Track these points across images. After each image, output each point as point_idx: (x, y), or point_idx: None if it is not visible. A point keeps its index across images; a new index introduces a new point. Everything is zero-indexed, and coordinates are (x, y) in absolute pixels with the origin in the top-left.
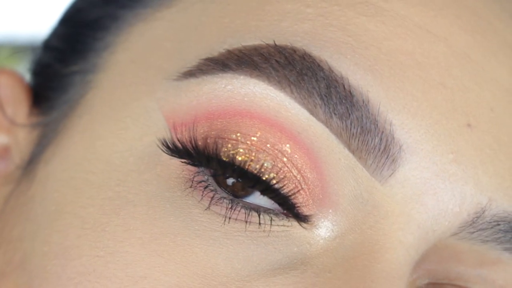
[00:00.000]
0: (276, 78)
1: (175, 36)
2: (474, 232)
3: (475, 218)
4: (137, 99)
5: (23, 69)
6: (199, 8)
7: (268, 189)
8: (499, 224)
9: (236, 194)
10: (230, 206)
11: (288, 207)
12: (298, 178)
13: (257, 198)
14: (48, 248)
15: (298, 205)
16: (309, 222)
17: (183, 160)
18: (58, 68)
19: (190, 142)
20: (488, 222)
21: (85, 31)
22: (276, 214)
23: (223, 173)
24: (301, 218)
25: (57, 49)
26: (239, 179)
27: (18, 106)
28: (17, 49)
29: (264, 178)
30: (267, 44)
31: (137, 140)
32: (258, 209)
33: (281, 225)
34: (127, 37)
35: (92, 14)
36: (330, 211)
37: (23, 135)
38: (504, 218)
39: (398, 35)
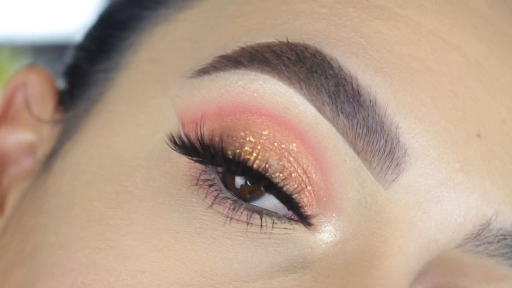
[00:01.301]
0: (286, 74)
1: (193, 36)
2: (480, 245)
3: (480, 230)
4: (152, 97)
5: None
6: (218, 9)
7: (271, 186)
8: (505, 239)
9: (244, 197)
10: (232, 206)
11: (292, 205)
12: (304, 178)
13: (264, 203)
14: (56, 239)
15: (302, 205)
16: (312, 226)
17: (189, 157)
18: (85, 68)
19: (197, 138)
20: (494, 235)
21: (111, 32)
22: (279, 218)
23: (228, 168)
24: (304, 219)
25: (86, 50)
26: (243, 175)
27: (45, 104)
28: (17, 49)
29: (267, 175)
30: (279, 41)
31: (149, 137)
32: (261, 212)
33: (283, 228)
34: (149, 38)
35: (119, 15)
36: (334, 215)
37: (47, 131)
38: (511, 232)
39: (411, 40)
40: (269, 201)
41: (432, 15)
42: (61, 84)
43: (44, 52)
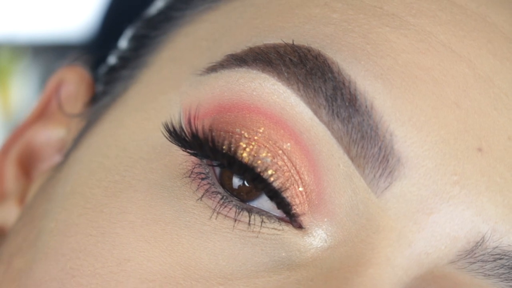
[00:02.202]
0: (286, 75)
1: (212, 36)
2: (475, 262)
3: (475, 247)
4: (164, 92)
5: (23, 69)
6: (240, 11)
7: (258, 179)
8: (502, 258)
9: (241, 198)
10: (221, 201)
11: (281, 203)
12: (296, 178)
13: (260, 204)
14: (55, 225)
15: (293, 204)
16: (302, 229)
17: (183, 148)
18: (117, 66)
19: (192, 130)
20: (490, 253)
21: (143, 31)
22: (269, 217)
23: (215, 158)
24: (294, 218)
25: (123, 50)
26: (229, 167)
27: (78, 102)
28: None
29: (257, 170)
30: (285, 43)
31: (154, 130)
32: (250, 210)
33: (272, 228)
34: (174, 38)
35: (154, 17)
36: (326, 220)
37: (74, 125)
38: (508, 252)
39: (419, 49)
40: (266, 203)
41: (445, 25)
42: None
43: (44, 52)
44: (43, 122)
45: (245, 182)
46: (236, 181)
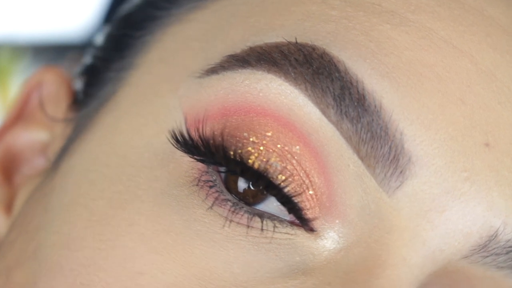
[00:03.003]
0: (293, 75)
1: (204, 36)
2: (488, 256)
3: (488, 242)
4: (160, 96)
5: (23, 69)
6: (230, 10)
7: (270, 186)
8: None
9: (247, 201)
10: (233, 209)
11: (293, 208)
12: (305, 181)
13: (267, 206)
14: (57, 238)
15: (303, 208)
16: (314, 232)
17: (190, 155)
18: (99, 66)
19: (199, 136)
20: (503, 247)
21: (128, 31)
22: (281, 221)
23: (228, 167)
24: (306, 222)
25: (103, 49)
26: (242, 175)
27: (59, 103)
28: (17, 49)
29: (268, 176)
30: (288, 41)
31: (154, 136)
32: (261, 215)
33: (285, 233)
34: (161, 37)
35: (136, 15)
36: (337, 221)
37: (59, 130)
38: None
39: (421, 46)
40: (272, 205)
41: (444, 21)
42: (77, 84)
43: (44, 52)
44: (23, 124)
45: (251, 186)
46: (242, 185)
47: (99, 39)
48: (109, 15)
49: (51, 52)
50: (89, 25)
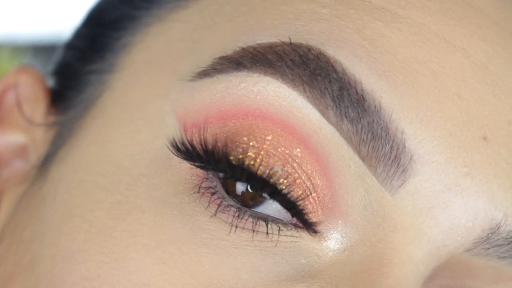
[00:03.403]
0: (290, 76)
1: (190, 37)
2: (490, 248)
3: (490, 234)
4: (151, 101)
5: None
6: (214, 9)
7: (275, 193)
8: None
9: (246, 204)
10: (237, 214)
11: (296, 212)
12: (308, 185)
13: (266, 209)
14: (56, 251)
15: (307, 212)
16: (318, 233)
17: (191, 162)
18: (77, 67)
19: (200, 143)
20: (504, 238)
21: (104, 31)
22: (285, 224)
23: (232, 174)
24: (310, 226)
25: (78, 49)
26: (247, 182)
27: (37, 105)
28: (17, 49)
29: (272, 182)
30: (282, 42)
31: (149, 143)
32: (266, 218)
33: (290, 236)
34: (143, 38)
35: (111, 14)
36: (340, 222)
37: (40, 134)
38: None
39: (414, 43)
40: (272, 207)
41: (435, 15)
42: (51, 83)
43: (44, 52)
44: None
45: (249, 188)
46: (240, 188)
47: (71, 37)
48: None
49: (51, 52)
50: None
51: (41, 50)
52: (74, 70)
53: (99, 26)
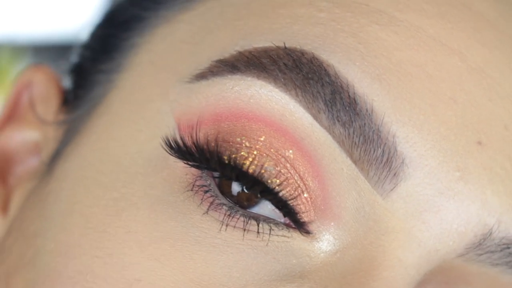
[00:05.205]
0: (282, 80)
1: (192, 39)
2: (482, 254)
3: (482, 240)
4: (151, 101)
5: (23, 69)
6: (217, 12)
7: (266, 191)
8: (509, 248)
9: (241, 205)
10: (228, 213)
11: (288, 212)
12: (300, 185)
13: (262, 209)
14: (54, 245)
15: (299, 211)
16: (310, 234)
17: (184, 161)
18: (88, 67)
19: (193, 142)
20: (497, 244)
21: (114, 32)
22: (276, 224)
23: (223, 173)
24: (302, 225)
25: (91, 49)
26: (237, 180)
27: (49, 104)
28: (17, 49)
29: (263, 180)
30: (276, 46)
31: (147, 142)
32: (257, 218)
33: (281, 235)
34: (150, 39)
35: (121, 15)
36: (332, 224)
37: (51, 132)
38: None
39: (410, 46)
40: (267, 208)
41: (433, 19)
42: (66, 83)
43: (44, 52)
44: (15, 124)
45: (244, 189)
46: (236, 188)
47: (85, 37)
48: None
49: (51, 52)
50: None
51: (41, 50)
52: (86, 69)
53: (110, 27)
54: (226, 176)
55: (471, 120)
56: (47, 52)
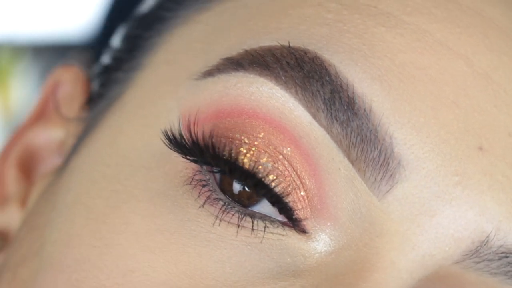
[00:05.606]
0: (283, 78)
1: (206, 38)
2: (480, 262)
3: (479, 247)
4: (162, 97)
5: (23, 69)
6: (231, 12)
7: (261, 185)
8: (507, 257)
9: (242, 203)
10: (224, 208)
11: (283, 208)
12: (297, 183)
13: (262, 208)
14: (58, 235)
15: (295, 208)
16: (306, 233)
17: (183, 155)
18: (112, 66)
19: (191, 136)
20: (495, 252)
21: (136, 32)
22: (272, 222)
23: (217, 165)
24: (297, 223)
25: (115, 48)
26: (230, 173)
27: (73, 102)
28: (17, 49)
29: (259, 176)
30: (281, 45)
31: (153, 137)
32: (253, 215)
33: (276, 233)
34: (169, 39)
35: (144, 15)
36: (329, 224)
37: (73, 129)
38: None
39: (415, 49)
40: (267, 207)
41: (441, 23)
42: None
43: (44, 52)
44: (42, 123)
45: (246, 187)
46: (237, 187)
47: (116, 40)
48: (110, 15)
49: (51, 52)
50: (89, 25)
51: (41, 50)
52: (110, 68)
53: (134, 26)
54: (221, 170)
55: (473, 125)
56: (47, 52)
